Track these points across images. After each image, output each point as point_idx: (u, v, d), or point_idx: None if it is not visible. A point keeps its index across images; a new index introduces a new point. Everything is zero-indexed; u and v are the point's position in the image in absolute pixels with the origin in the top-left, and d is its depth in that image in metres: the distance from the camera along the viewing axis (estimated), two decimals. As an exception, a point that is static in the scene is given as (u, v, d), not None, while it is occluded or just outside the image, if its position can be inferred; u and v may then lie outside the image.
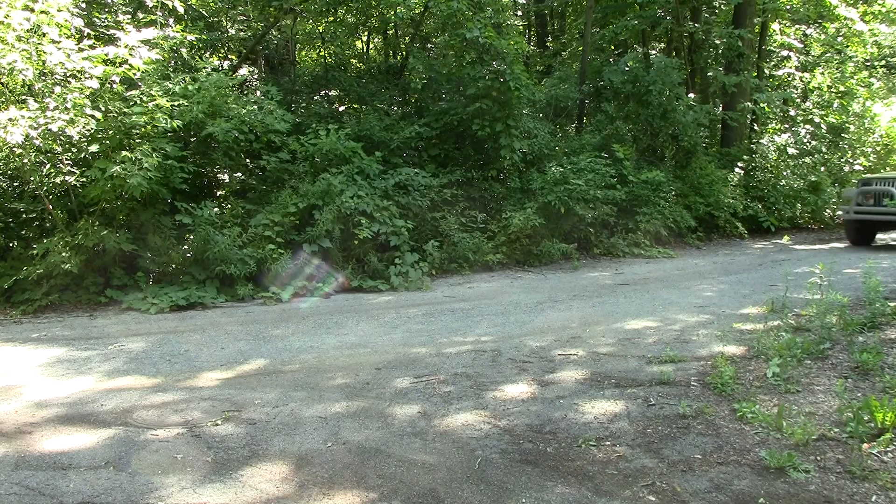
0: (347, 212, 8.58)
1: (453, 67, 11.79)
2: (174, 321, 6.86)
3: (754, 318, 6.31)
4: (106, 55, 7.26)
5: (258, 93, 10.28)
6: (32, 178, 7.28)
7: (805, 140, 15.20)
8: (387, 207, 9.00)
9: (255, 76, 12.19)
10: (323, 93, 12.51)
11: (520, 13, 17.36)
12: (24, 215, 7.78)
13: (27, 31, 6.90)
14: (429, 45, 14.28)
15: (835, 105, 15.70)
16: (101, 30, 8.73)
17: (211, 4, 12.10)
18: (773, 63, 16.80)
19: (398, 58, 14.45)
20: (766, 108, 14.79)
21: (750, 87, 14.48)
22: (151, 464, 3.55)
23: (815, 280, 5.62)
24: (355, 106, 12.26)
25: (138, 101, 7.56)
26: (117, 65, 7.39)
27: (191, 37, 8.96)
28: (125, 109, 7.43)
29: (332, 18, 13.43)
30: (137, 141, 7.52)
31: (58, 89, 7.13)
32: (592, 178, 10.49)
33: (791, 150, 14.68)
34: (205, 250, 7.72)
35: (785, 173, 14.30)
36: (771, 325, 5.74)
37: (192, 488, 3.28)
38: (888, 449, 3.50)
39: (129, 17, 9.41)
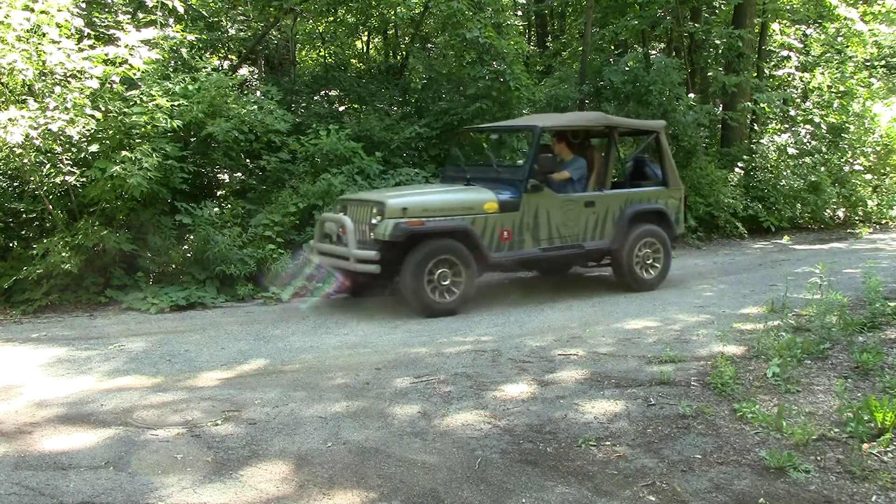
0: (348, 212, 8.58)
1: (453, 67, 11.77)
2: (174, 321, 6.86)
3: (754, 318, 6.31)
4: (106, 55, 7.26)
5: (258, 93, 10.27)
6: (32, 178, 7.28)
7: (805, 140, 15.16)
8: (387, 207, 8.99)
9: (255, 76, 12.18)
10: (323, 93, 12.49)
11: (520, 13, 17.32)
12: (24, 215, 7.77)
13: (27, 31, 6.89)
14: (429, 45, 14.26)
15: (835, 105, 15.66)
16: (101, 30, 8.72)
17: (211, 4, 12.08)
18: (773, 63, 16.77)
19: (398, 58, 14.43)
20: (766, 108, 14.75)
21: (750, 87, 14.45)
22: (151, 464, 3.56)
23: (815, 280, 5.63)
24: (355, 106, 12.24)
25: (138, 101, 7.55)
26: (117, 65, 7.38)
27: (191, 37, 8.95)
28: (125, 109, 7.43)
29: (332, 18, 13.41)
30: (137, 141, 7.51)
31: (58, 89, 7.13)
32: (592, 178, 10.48)
33: (791, 150, 14.65)
34: (205, 250, 7.72)
35: (785, 173, 14.24)
36: (771, 325, 5.74)
37: (192, 488, 3.29)
38: (888, 449, 3.50)
39: (129, 17, 9.40)
